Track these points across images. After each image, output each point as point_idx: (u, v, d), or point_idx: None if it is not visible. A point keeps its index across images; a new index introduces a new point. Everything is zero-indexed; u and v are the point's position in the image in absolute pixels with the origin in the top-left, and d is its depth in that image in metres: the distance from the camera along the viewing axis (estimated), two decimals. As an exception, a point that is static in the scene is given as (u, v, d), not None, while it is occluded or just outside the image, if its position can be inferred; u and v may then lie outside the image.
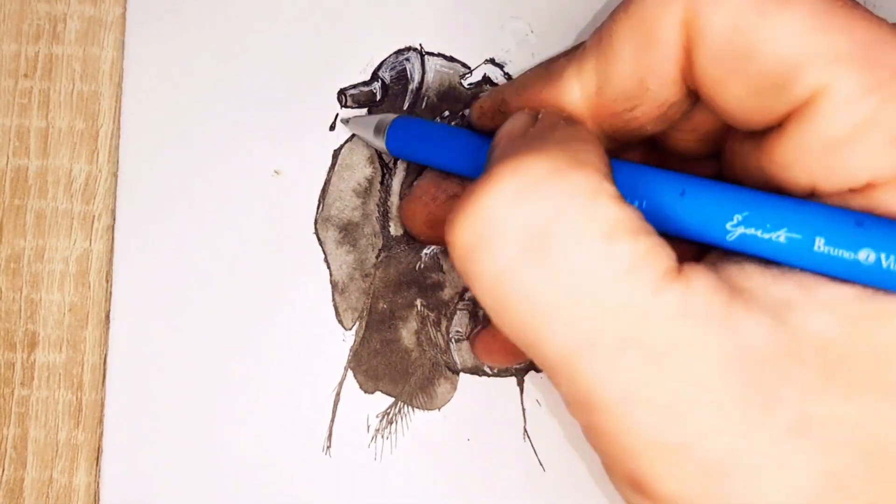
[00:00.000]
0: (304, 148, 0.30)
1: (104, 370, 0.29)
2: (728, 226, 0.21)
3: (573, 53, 0.24)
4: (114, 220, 0.30)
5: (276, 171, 0.30)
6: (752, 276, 0.20)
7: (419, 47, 0.30)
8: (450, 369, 0.29)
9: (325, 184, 0.30)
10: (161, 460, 0.29)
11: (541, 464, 0.29)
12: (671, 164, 0.26)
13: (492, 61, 0.30)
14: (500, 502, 0.29)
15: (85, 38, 0.30)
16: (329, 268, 0.30)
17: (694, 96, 0.23)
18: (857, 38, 0.19)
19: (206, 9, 0.30)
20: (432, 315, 0.30)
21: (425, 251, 0.30)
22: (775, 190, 0.22)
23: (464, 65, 0.30)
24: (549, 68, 0.25)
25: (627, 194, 0.22)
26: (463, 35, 0.30)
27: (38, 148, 0.30)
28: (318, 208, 0.30)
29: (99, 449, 0.29)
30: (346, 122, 0.30)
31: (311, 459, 0.29)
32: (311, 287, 0.30)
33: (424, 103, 0.30)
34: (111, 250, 0.30)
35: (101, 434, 0.29)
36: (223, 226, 0.30)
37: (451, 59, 0.30)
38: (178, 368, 0.29)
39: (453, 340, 0.29)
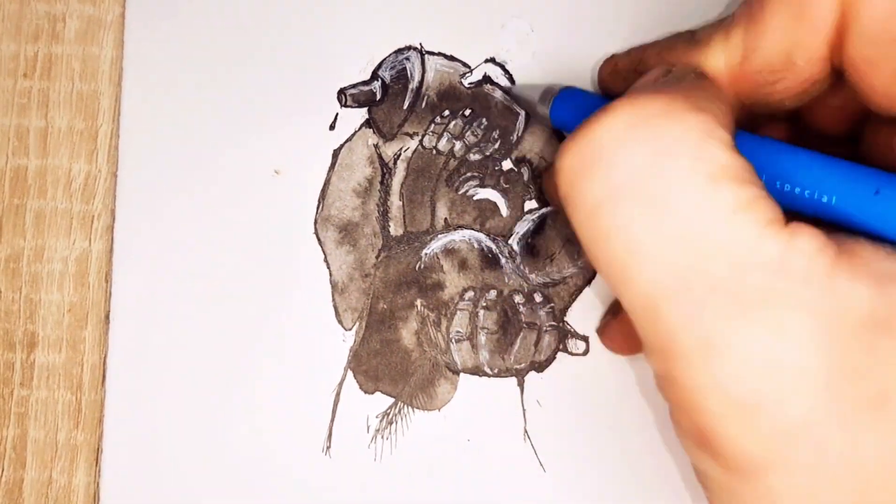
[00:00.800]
0: (304, 148, 0.30)
1: (103, 370, 0.29)
2: None
3: (719, 20, 0.24)
4: (113, 219, 0.30)
5: (276, 171, 0.30)
6: (864, 246, 0.19)
7: (419, 46, 0.30)
8: (450, 369, 0.29)
9: (325, 184, 0.30)
10: (161, 460, 0.29)
11: (541, 464, 0.29)
12: (809, 143, 0.25)
13: (492, 60, 0.30)
14: (500, 502, 0.29)
15: (84, 38, 0.30)
16: (329, 268, 0.30)
17: (836, 75, 0.22)
18: None
19: (206, 9, 0.30)
20: (432, 315, 0.30)
21: (425, 251, 0.30)
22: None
23: (464, 64, 0.30)
24: (696, 33, 0.24)
25: (813, 188, 0.21)
26: (463, 34, 0.30)
27: (37, 147, 0.30)
28: (317, 208, 0.30)
29: (98, 449, 0.29)
30: (507, 91, 0.29)
31: (311, 459, 0.29)
32: (311, 287, 0.29)
33: (425, 102, 0.30)
34: (111, 250, 0.30)
35: (101, 434, 0.29)
36: (223, 226, 0.30)
37: (451, 58, 0.30)
38: (178, 368, 0.29)
39: (453, 340, 0.29)
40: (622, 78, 0.27)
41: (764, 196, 0.19)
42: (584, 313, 0.29)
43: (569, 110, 0.27)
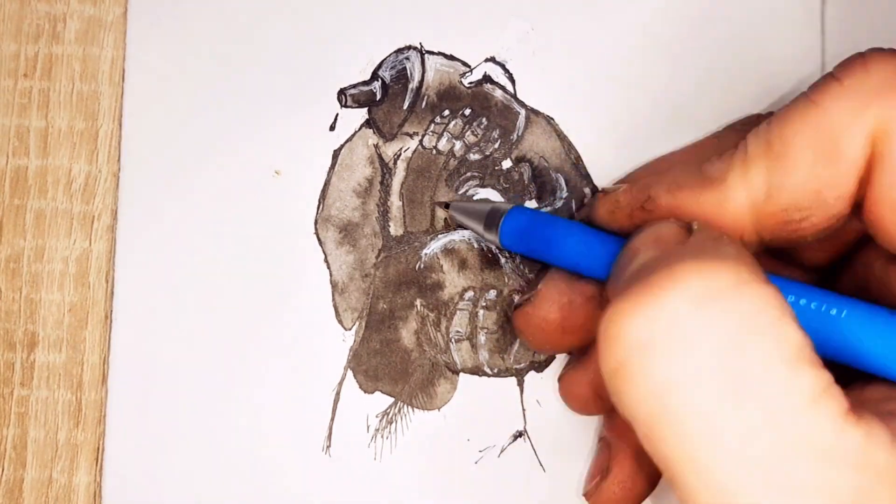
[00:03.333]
0: (304, 148, 0.30)
1: (104, 370, 0.29)
2: None
3: (729, 154, 0.23)
4: (114, 219, 0.30)
5: (276, 172, 0.30)
6: None
7: (419, 46, 0.30)
8: (450, 369, 0.29)
9: (325, 184, 0.30)
10: (162, 460, 0.29)
11: (541, 464, 0.29)
12: (783, 269, 0.25)
13: (492, 60, 0.30)
14: (499, 502, 0.29)
15: (85, 38, 0.30)
16: (329, 268, 0.30)
17: (856, 206, 0.22)
18: None
19: (207, 9, 0.30)
20: (432, 315, 0.30)
21: (425, 251, 0.30)
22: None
23: (464, 63, 0.30)
24: (706, 170, 0.23)
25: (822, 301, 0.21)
26: (463, 33, 0.30)
27: (37, 148, 0.30)
28: (318, 208, 0.30)
29: (99, 449, 0.29)
30: (444, 206, 0.29)
31: (311, 459, 0.29)
32: (311, 287, 0.30)
33: (425, 102, 0.30)
34: (111, 250, 0.30)
35: (101, 434, 0.29)
36: (224, 226, 0.30)
37: (451, 57, 0.30)
38: (179, 368, 0.29)
39: (453, 340, 0.29)
40: (626, 215, 0.25)
41: (833, 381, 0.18)
42: (584, 313, 0.29)
43: (521, 233, 0.27)
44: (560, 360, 0.29)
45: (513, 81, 0.30)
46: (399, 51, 0.30)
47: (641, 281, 0.19)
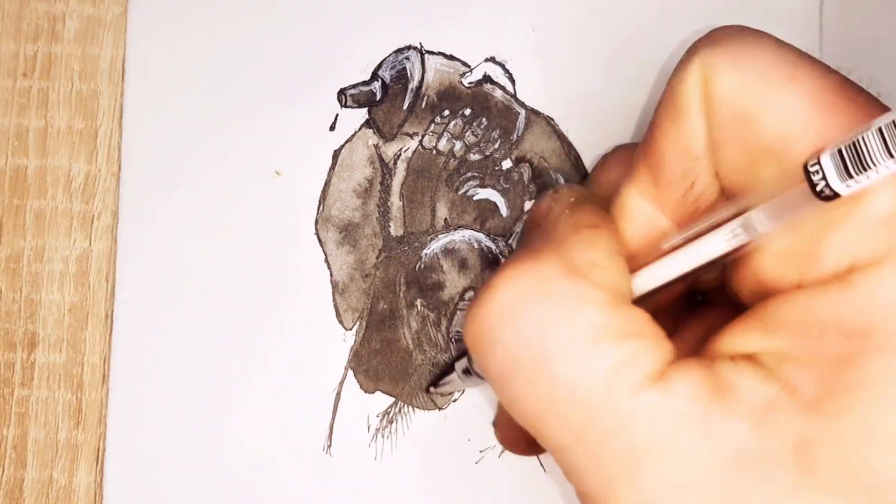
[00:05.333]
0: (305, 148, 0.30)
1: (104, 370, 0.29)
2: None
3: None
4: (115, 219, 0.30)
5: (276, 172, 0.30)
6: (743, 374, 0.20)
7: (419, 46, 0.30)
8: (450, 369, 0.29)
9: (326, 184, 0.30)
10: (162, 460, 0.29)
11: (541, 464, 0.29)
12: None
13: (492, 60, 0.30)
14: (500, 502, 0.29)
15: (84, 38, 0.30)
16: (329, 268, 0.30)
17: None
18: (853, 124, 0.20)
19: (207, 9, 0.30)
20: (432, 315, 0.30)
21: (425, 251, 0.30)
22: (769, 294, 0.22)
23: (464, 63, 0.30)
24: (613, 201, 0.25)
25: None
26: (463, 33, 0.30)
27: (37, 147, 0.30)
28: (318, 209, 0.30)
29: (99, 449, 0.29)
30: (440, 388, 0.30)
31: (311, 459, 0.29)
32: (311, 287, 0.30)
33: (424, 102, 0.30)
34: (111, 250, 0.30)
35: (101, 434, 0.29)
36: (224, 226, 0.30)
37: (451, 57, 0.30)
38: (180, 368, 0.29)
39: (453, 340, 0.30)
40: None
41: (645, 346, 0.21)
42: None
43: None
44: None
45: (513, 81, 0.30)
46: (399, 51, 0.30)
47: (478, 291, 0.22)
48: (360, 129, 0.30)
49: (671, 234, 0.23)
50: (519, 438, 0.28)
